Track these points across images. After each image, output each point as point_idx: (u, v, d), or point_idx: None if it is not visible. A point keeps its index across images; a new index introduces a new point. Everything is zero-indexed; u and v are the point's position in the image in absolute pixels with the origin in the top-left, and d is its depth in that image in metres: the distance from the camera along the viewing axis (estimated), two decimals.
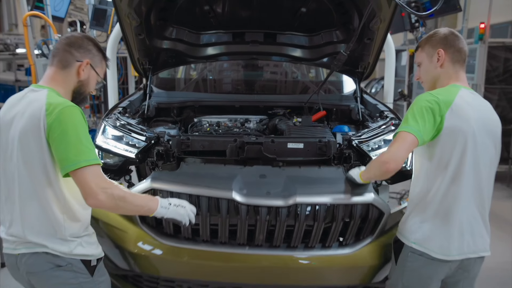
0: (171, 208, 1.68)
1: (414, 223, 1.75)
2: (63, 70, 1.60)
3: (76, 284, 1.59)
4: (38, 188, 1.51)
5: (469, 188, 1.67)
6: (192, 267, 2.05)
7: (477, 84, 5.15)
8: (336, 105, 3.20)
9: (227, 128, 2.90)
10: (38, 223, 1.53)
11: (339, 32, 3.05)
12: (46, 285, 1.59)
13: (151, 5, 2.72)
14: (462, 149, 1.64)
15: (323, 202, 1.96)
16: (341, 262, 2.04)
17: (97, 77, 1.71)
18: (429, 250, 1.70)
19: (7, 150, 1.53)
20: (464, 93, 1.69)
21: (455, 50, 1.73)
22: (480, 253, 1.73)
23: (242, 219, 1.94)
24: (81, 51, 1.63)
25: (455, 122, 1.63)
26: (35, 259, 1.54)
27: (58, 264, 1.55)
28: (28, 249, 1.54)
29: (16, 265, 1.58)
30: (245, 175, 2.08)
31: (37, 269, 1.55)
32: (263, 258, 2.02)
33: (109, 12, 6.18)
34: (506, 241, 4.07)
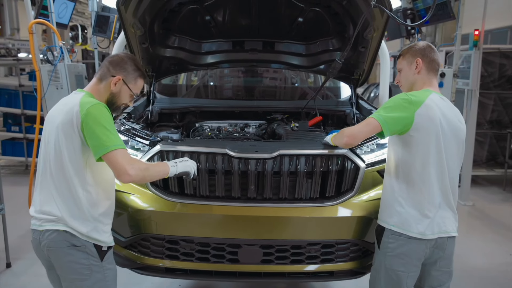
0: (178, 165, 1.98)
1: (391, 209, 1.97)
2: (101, 82, 1.89)
3: (87, 265, 1.80)
4: (68, 172, 1.76)
5: (434, 178, 1.90)
6: (194, 222, 2.24)
7: (472, 89, 5.23)
8: (332, 111, 3.32)
9: (227, 133, 3.01)
10: (65, 202, 1.78)
11: (334, 41, 3.17)
12: (61, 261, 1.80)
13: (155, 15, 2.84)
14: (429, 143, 1.88)
15: (303, 153, 2.22)
16: (325, 213, 2.23)
17: (130, 91, 1.94)
18: (407, 230, 1.91)
19: (49, 139, 1.80)
20: (434, 97, 1.92)
21: (430, 60, 1.99)
22: (451, 233, 1.97)
23: (235, 170, 2.17)
24: (117, 68, 1.89)
25: (424, 120, 1.86)
26: (55, 236, 1.77)
27: (74, 243, 1.78)
28: (52, 226, 1.78)
29: (39, 240, 1.81)
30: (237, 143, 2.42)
31: (55, 245, 1.78)
32: (255, 210, 2.22)
33: (111, 19, 6.30)
34: (501, 243, 4.17)
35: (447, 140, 1.91)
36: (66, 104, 1.81)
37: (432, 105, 1.88)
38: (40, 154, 1.86)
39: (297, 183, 2.23)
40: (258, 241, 2.21)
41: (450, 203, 1.97)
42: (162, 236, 2.24)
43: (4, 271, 3.45)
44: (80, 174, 1.78)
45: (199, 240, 2.23)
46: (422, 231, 1.90)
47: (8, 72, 11.69)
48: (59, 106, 1.86)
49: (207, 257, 2.25)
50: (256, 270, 2.28)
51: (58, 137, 1.76)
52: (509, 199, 5.69)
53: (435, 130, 1.87)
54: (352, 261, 2.29)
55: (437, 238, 1.94)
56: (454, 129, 1.93)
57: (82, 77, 4.93)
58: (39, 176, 1.86)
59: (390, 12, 2.39)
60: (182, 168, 1.99)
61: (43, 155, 1.84)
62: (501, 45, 6.38)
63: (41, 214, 1.81)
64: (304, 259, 2.26)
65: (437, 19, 4.71)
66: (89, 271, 1.81)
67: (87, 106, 1.73)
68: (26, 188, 4.51)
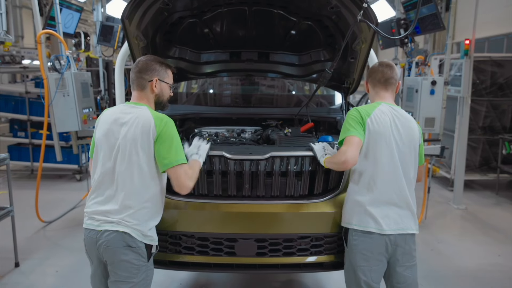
0: (201, 154, 2.24)
1: (351, 210, 2.19)
2: (143, 91, 2.08)
3: (137, 265, 1.97)
4: (141, 179, 1.94)
5: (388, 179, 2.10)
6: (194, 218, 2.40)
7: (463, 96, 5.38)
8: (324, 118, 3.49)
9: (224, 138, 3.18)
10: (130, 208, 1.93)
11: (325, 52, 3.35)
12: (116, 259, 1.94)
13: (157, 28, 3.03)
14: (381, 146, 2.10)
15: (292, 155, 2.42)
16: (313, 208, 2.40)
17: (168, 85, 2.14)
18: (366, 227, 2.12)
19: (116, 147, 1.94)
20: (383, 107, 2.18)
21: (372, 78, 2.29)
22: (408, 231, 2.13)
23: (231, 170, 2.37)
24: (148, 73, 2.06)
25: (375, 127, 2.10)
26: (114, 236, 1.92)
27: (130, 244, 1.94)
28: (111, 227, 1.93)
29: (95, 239, 1.95)
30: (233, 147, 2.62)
31: (113, 244, 1.92)
32: (250, 207, 2.40)
33: (115, 28, 6.47)
34: (491, 245, 4.31)
35: (398, 143, 2.12)
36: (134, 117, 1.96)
37: (380, 115, 2.13)
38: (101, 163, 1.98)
39: (288, 182, 2.42)
40: (253, 235, 2.38)
41: (408, 202, 2.14)
42: (165, 232, 2.40)
43: (13, 270, 3.61)
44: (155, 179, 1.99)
45: (199, 235, 2.40)
46: (380, 227, 2.09)
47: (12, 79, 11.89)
48: (120, 119, 1.98)
49: (207, 251, 2.42)
50: (251, 262, 2.45)
51: (132, 147, 1.92)
52: (501, 203, 5.83)
53: (385, 135, 2.10)
54: (340, 253, 2.44)
55: (396, 234, 2.10)
56: (405, 133, 2.14)
57: (87, 85, 5.09)
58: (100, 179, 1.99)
59: (376, 26, 2.57)
60: (204, 153, 2.27)
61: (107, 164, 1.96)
62: (492, 54, 6.53)
63: (99, 215, 1.95)
64: (296, 252, 2.43)
65: (428, 29, 4.89)
66: (137, 270, 1.97)
67: (163, 121, 1.95)
68: (31, 192, 4.68)
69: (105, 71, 6.97)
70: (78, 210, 5.23)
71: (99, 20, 6.69)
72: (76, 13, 6.21)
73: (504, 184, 6.54)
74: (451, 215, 5.33)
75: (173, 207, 2.39)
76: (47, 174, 6.63)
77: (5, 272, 3.57)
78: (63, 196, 5.67)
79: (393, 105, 2.21)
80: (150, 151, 1.93)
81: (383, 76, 2.25)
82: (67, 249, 4.08)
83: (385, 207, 2.10)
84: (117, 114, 2.01)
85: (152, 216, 2.02)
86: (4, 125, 9.34)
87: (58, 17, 5.03)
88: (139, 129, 1.92)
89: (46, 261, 3.81)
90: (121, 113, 2.01)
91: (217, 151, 2.42)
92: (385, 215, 2.10)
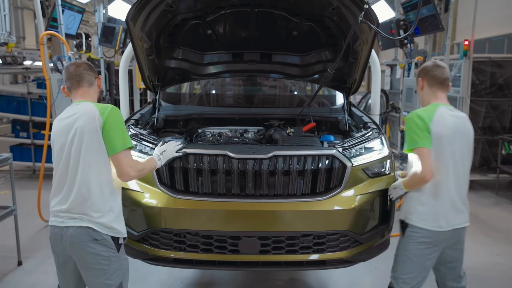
0: (162, 157, 2.34)
1: (413, 207, 2.26)
2: (91, 87, 2.16)
3: (106, 257, 2.02)
4: (94, 168, 1.99)
5: (449, 177, 2.18)
6: (198, 216, 2.44)
7: (463, 97, 5.43)
8: (326, 117, 3.53)
9: (227, 138, 3.21)
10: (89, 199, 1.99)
11: (327, 52, 3.39)
12: (84, 254, 1.99)
13: (161, 29, 3.08)
14: (443, 149, 2.16)
15: (295, 154, 2.45)
16: (315, 207, 2.44)
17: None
18: (426, 225, 2.21)
19: (68, 143, 2.00)
20: (442, 110, 2.21)
21: (431, 77, 2.28)
22: (463, 224, 2.27)
23: (234, 169, 2.40)
24: (93, 70, 2.20)
25: (437, 131, 2.15)
26: (79, 232, 1.98)
27: (96, 238, 1.99)
28: (75, 223, 1.98)
29: (60, 236, 2.01)
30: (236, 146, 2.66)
31: (79, 239, 1.98)
32: (253, 205, 2.44)
33: (117, 29, 6.50)
34: (490, 244, 4.34)
35: (458, 144, 2.19)
36: (79, 111, 2.03)
37: (441, 117, 2.18)
38: (57, 159, 2.05)
39: (290, 181, 2.45)
40: (256, 233, 2.42)
41: (463, 198, 2.25)
42: (170, 230, 2.44)
43: (16, 268, 3.63)
44: (107, 167, 2.04)
45: (203, 233, 2.44)
46: (439, 225, 2.20)
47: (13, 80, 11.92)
48: (68, 117, 2.05)
49: (211, 249, 2.46)
50: (255, 259, 2.48)
51: (80, 139, 1.98)
52: (501, 203, 5.85)
53: (447, 137, 2.15)
54: (342, 251, 2.48)
55: (453, 229, 2.23)
56: (464, 133, 2.23)
57: None
58: (58, 179, 2.05)
59: (377, 27, 2.61)
60: (165, 159, 2.35)
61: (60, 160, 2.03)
62: (492, 54, 6.56)
63: (63, 212, 2.01)
64: (298, 249, 2.46)
65: (427, 30, 4.94)
66: (109, 261, 2.03)
67: (107, 109, 2.01)
68: (33, 191, 4.70)
69: (107, 72, 7.00)
70: None
71: (101, 21, 6.72)
72: (78, 14, 6.26)
73: (504, 184, 6.57)
74: None
75: (178, 205, 2.43)
76: (49, 174, 6.62)
77: (8, 270, 3.60)
78: None
79: (449, 106, 2.27)
80: (99, 140, 1.99)
81: (441, 76, 2.27)
82: None
83: (443, 206, 2.20)
84: (65, 115, 2.09)
85: (111, 205, 2.05)
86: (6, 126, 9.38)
87: (61, 18, 5.06)
88: (86, 122, 1.99)
89: (48, 259, 3.83)
90: (67, 113, 2.09)
91: (221, 150, 2.46)
92: (443, 213, 2.20)
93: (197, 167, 2.44)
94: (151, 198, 2.45)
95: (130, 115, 3.36)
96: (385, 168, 2.61)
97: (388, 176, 2.61)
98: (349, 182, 2.46)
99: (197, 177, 2.46)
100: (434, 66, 2.29)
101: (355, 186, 2.48)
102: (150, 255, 2.52)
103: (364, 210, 2.48)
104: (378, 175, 2.58)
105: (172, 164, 2.45)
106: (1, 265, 3.67)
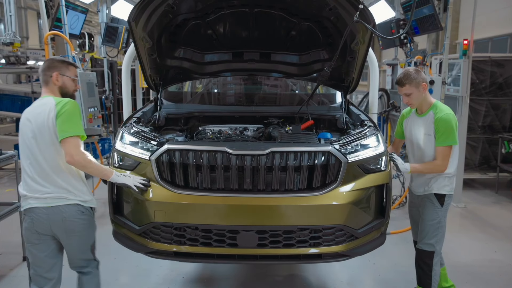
0: (121, 177, 2.47)
1: (445, 182, 2.84)
2: (48, 86, 2.41)
3: (87, 220, 2.43)
4: (59, 156, 2.29)
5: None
6: (198, 211, 2.50)
7: (462, 96, 5.46)
8: (324, 115, 3.58)
9: (227, 136, 3.28)
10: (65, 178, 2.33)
11: (325, 52, 3.45)
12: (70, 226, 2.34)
13: (162, 29, 3.14)
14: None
15: (292, 150, 2.52)
16: (311, 201, 2.50)
17: (71, 78, 2.45)
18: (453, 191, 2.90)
19: (31, 135, 2.28)
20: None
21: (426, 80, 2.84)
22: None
23: (233, 165, 2.47)
24: (50, 69, 2.40)
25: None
26: (69, 208, 2.33)
27: (82, 210, 2.38)
28: (63, 202, 2.32)
29: (47, 215, 2.29)
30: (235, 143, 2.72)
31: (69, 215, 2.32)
32: (251, 200, 2.50)
33: (120, 29, 6.59)
34: (488, 242, 4.39)
35: None
36: (40, 105, 2.31)
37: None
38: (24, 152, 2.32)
39: (287, 176, 2.50)
40: (254, 227, 2.48)
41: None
42: (171, 224, 2.51)
43: (21, 264, 3.72)
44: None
45: (202, 227, 2.50)
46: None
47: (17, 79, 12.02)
48: (36, 109, 2.33)
49: (210, 242, 2.52)
50: (252, 253, 2.54)
51: (41, 131, 2.26)
52: (501, 201, 5.89)
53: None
54: (338, 245, 2.54)
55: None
56: None
57: (93, 85, 5.20)
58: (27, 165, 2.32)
59: (372, 27, 2.67)
60: (122, 180, 2.47)
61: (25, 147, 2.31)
62: (492, 54, 6.58)
63: (47, 194, 2.29)
64: (295, 243, 2.52)
65: (426, 29, 4.98)
66: (89, 224, 2.44)
67: (62, 101, 2.28)
68: None
69: (110, 71, 7.08)
70: None
71: (104, 21, 6.79)
72: (81, 14, 6.33)
73: (504, 183, 6.59)
74: (450, 213, 5.32)
75: (178, 200, 2.49)
76: None
77: (14, 265, 3.69)
78: None
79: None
80: (55, 128, 2.26)
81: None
82: None
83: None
84: (29, 109, 2.37)
85: (77, 180, 2.39)
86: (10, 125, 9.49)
87: (64, 19, 5.14)
88: (45, 114, 2.26)
89: None
90: (32, 107, 2.38)
91: (220, 146, 2.52)
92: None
93: (197, 163, 2.50)
94: (152, 193, 2.52)
95: (132, 113, 3.43)
96: (380, 165, 2.66)
97: (384, 172, 2.66)
98: (345, 178, 2.52)
99: (197, 173, 2.52)
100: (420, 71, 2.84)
101: (350, 182, 2.54)
102: (151, 248, 2.58)
103: (359, 206, 2.54)
104: (374, 171, 2.63)
105: (172, 160, 2.52)
106: (7, 260, 3.76)
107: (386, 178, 2.65)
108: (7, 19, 4.88)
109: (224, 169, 2.50)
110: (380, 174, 2.64)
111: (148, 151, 2.60)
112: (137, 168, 2.60)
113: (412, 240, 3.19)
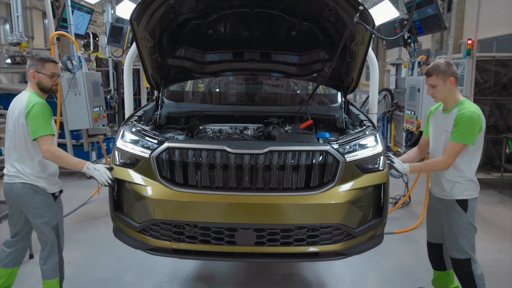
0: (92, 170, 2.65)
1: (464, 186, 2.70)
2: (29, 81, 2.71)
3: (46, 204, 2.71)
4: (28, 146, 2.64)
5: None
6: (197, 209, 2.54)
7: (466, 95, 5.45)
8: (323, 115, 3.60)
9: (228, 135, 3.31)
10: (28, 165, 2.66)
11: (325, 52, 3.46)
12: (27, 202, 2.67)
13: (164, 29, 3.18)
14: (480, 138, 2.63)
15: (290, 149, 2.55)
16: (309, 200, 2.52)
17: (46, 75, 2.68)
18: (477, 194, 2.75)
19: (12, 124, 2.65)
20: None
21: (456, 75, 2.66)
22: None
23: (232, 164, 2.50)
24: (30, 67, 2.69)
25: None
26: (22, 186, 2.66)
27: (35, 190, 2.67)
28: (19, 180, 2.66)
29: (11, 190, 2.68)
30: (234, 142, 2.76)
31: (22, 192, 2.66)
32: (249, 198, 2.53)
33: (125, 29, 6.64)
34: (491, 242, 4.38)
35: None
36: (19, 101, 2.64)
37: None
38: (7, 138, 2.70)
39: (285, 175, 2.53)
40: (252, 225, 2.50)
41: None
42: (170, 222, 2.54)
43: (28, 261, 3.78)
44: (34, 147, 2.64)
45: (201, 225, 2.53)
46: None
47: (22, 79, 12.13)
48: (16, 102, 2.67)
49: (208, 240, 2.55)
50: (250, 251, 2.57)
51: (15, 125, 2.62)
52: (505, 201, 5.85)
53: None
54: (335, 244, 2.56)
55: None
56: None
57: (98, 84, 5.27)
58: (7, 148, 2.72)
59: (372, 28, 2.68)
60: (91, 173, 2.65)
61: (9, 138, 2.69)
62: (496, 53, 6.54)
63: (12, 173, 2.67)
64: (293, 241, 2.54)
65: (430, 29, 4.97)
66: (48, 207, 2.71)
67: (31, 104, 2.56)
68: None
69: (114, 71, 7.15)
70: (88, 206, 5.41)
71: (109, 21, 6.86)
72: (87, 14, 6.41)
73: (508, 183, 6.54)
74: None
75: (177, 198, 2.53)
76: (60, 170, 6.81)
77: None
78: (74, 192, 5.84)
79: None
80: (25, 124, 2.59)
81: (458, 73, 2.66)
82: (78, 242, 4.25)
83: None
84: (14, 100, 2.70)
85: (41, 171, 2.68)
86: None
87: (70, 19, 5.21)
88: (21, 110, 2.60)
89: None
90: (15, 99, 2.70)
91: (219, 145, 2.55)
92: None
93: (196, 161, 2.53)
94: (152, 191, 2.56)
95: (133, 112, 3.47)
96: (378, 164, 2.68)
97: (381, 172, 2.67)
98: (342, 177, 2.53)
99: (196, 171, 2.55)
100: (451, 64, 2.64)
101: (348, 181, 2.55)
102: (151, 245, 2.62)
103: (356, 205, 2.55)
104: (371, 171, 2.64)
105: (172, 158, 2.55)
106: None
107: (384, 178, 2.66)
108: (14, 20, 4.97)
109: (223, 167, 2.53)
110: (377, 174, 2.66)
111: (148, 149, 2.64)
112: (137, 166, 2.63)
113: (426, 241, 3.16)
